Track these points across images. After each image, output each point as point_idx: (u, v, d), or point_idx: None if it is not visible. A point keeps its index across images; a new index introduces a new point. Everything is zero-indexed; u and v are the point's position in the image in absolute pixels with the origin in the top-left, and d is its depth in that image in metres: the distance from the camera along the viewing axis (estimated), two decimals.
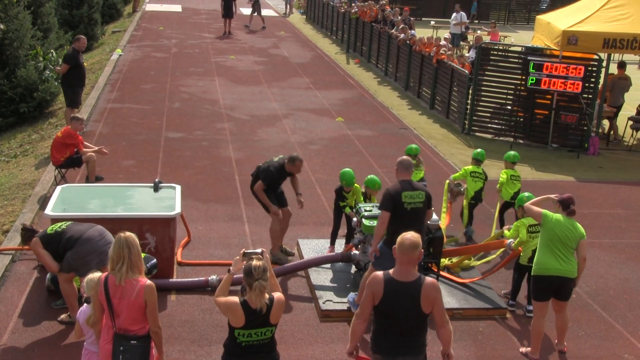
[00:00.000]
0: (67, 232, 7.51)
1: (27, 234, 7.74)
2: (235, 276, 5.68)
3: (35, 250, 7.59)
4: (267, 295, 5.38)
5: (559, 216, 7.42)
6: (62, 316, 7.82)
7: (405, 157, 7.88)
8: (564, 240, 7.32)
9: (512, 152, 10.72)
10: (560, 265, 7.32)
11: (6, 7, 15.72)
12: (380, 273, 5.57)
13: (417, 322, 5.53)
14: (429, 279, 5.55)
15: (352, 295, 8.30)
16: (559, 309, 7.65)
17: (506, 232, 8.76)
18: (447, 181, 10.74)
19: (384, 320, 5.54)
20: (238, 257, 5.63)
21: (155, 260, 8.17)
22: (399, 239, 5.51)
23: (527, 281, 8.46)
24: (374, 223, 8.18)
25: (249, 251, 5.66)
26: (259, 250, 5.67)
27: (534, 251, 7.98)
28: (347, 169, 9.51)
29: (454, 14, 27.01)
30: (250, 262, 5.39)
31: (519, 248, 8.39)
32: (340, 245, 9.59)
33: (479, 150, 10.97)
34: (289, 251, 9.65)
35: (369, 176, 9.52)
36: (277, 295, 5.48)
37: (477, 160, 10.71)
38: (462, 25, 26.63)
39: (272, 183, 9.22)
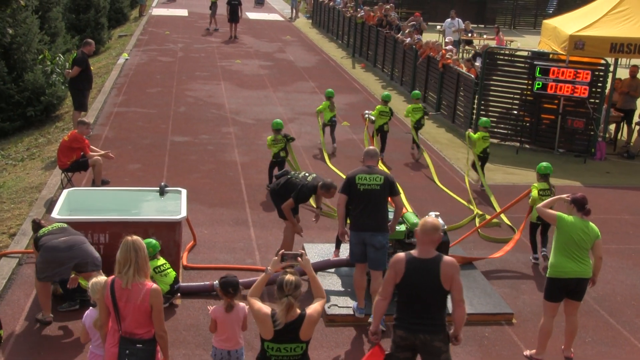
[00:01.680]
0: (46, 235, 7.74)
1: (35, 228, 8.06)
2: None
3: (35, 250, 7.89)
4: (298, 311, 5.25)
5: (573, 219, 7.42)
6: (38, 315, 7.91)
7: (371, 147, 8.37)
8: (579, 243, 7.35)
9: (543, 164, 10.10)
10: (577, 267, 7.35)
11: (14, 11, 15.79)
12: (402, 253, 5.93)
13: (437, 298, 5.78)
14: (447, 257, 5.85)
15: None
16: (571, 310, 7.62)
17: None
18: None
19: (406, 297, 5.84)
20: (276, 258, 5.54)
21: (179, 283, 8.41)
22: (420, 222, 5.91)
23: (540, 234, 10.04)
24: (402, 228, 8.58)
25: (287, 253, 5.57)
26: (298, 253, 5.58)
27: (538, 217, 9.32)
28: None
29: (449, 20, 26.97)
30: (283, 275, 5.26)
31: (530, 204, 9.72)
32: (346, 250, 9.58)
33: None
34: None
35: None
36: (310, 311, 5.30)
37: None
38: (460, 32, 26.59)
39: (301, 203, 9.24)
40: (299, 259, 5.53)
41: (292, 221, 9.18)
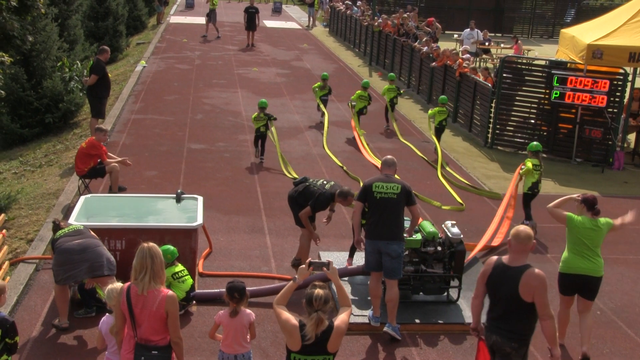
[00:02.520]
0: (62, 237, 7.80)
1: (54, 229, 8.13)
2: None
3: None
4: (326, 322, 5.21)
5: (582, 219, 7.63)
6: (54, 320, 7.95)
7: (389, 156, 8.33)
8: (588, 244, 7.59)
9: (534, 143, 11.71)
10: (586, 264, 7.59)
11: (34, 19, 15.96)
12: (494, 257, 6.11)
13: (515, 307, 5.87)
14: (536, 269, 5.88)
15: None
16: (583, 309, 7.77)
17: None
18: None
19: (490, 299, 6.08)
20: (304, 266, 5.50)
21: (195, 291, 8.45)
22: (514, 231, 5.97)
23: (526, 205, 11.28)
24: (417, 237, 8.55)
25: (315, 261, 5.53)
26: (325, 262, 5.53)
27: (534, 183, 11.12)
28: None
29: (468, 30, 26.91)
30: (313, 289, 5.23)
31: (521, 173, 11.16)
32: (360, 258, 9.56)
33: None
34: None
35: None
36: (338, 322, 5.27)
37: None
38: (478, 44, 26.51)
39: (319, 211, 9.24)
40: (325, 268, 5.49)
41: (309, 229, 9.18)
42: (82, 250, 7.64)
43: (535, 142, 11.73)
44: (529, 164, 11.19)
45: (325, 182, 9.29)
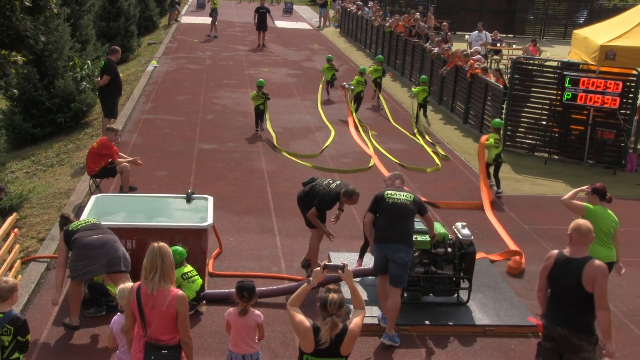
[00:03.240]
0: (79, 231, 7.82)
1: (62, 222, 8.17)
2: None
3: (59, 243, 7.99)
4: (340, 326, 5.22)
5: (598, 208, 7.97)
6: (65, 319, 7.98)
7: (397, 171, 8.58)
8: (606, 230, 7.92)
9: (497, 120, 13.87)
10: (607, 252, 7.91)
11: (47, 19, 16.05)
12: (555, 251, 6.25)
13: (579, 298, 5.97)
14: (596, 260, 6.00)
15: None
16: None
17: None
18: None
19: (552, 291, 6.19)
20: (318, 269, 5.50)
21: (205, 291, 8.49)
22: (574, 225, 6.11)
23: (494, 175, 13.12)
24: (427, 238, 8.48)
25: (330, 264, 5.53)
26: (340, 264, 5.53)
27: (497, 154, 12.95)
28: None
29: (476, 32, 26.84)
30: (327, 294, 5.24)
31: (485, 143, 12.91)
32: (370, 259, 9.56)
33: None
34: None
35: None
36: (352, 325, 5.28)
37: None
38: (486, 46, 26.42)
39: (325, 210, 9.25)
40: (340, 270, 5.49)
41: (319, 227, 9.19)
42: (101, 246, 7.66)
43: (497, 119, 13.92)
44: (492, 139, 12.93)
45: (331, 181, 9.30)
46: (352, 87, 18.56)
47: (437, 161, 14.90)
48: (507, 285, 9.37)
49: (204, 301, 8.48)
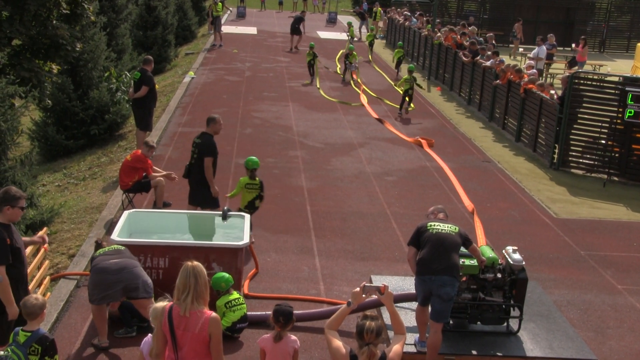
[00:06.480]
0: (100, 256, 7.99)
1: (96, 248, 8.32)
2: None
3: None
4: (378, 354, 5.20)
5: None
6: (94, 340, 8.09)
7: (439, 205, 8.56)
8: None
9: (411, 65, 20.01)
10: None
11: (83, 28, 16.38)
12: None
13: None
14: None
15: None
16: None
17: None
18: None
19: None
20: (358, 290, 5.50)
21: (246, 323, 8.36)
22: None
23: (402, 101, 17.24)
24: (475, 262, 8.35)
25: (369, 285, 5.53)
26: (379, 285, 5.53)
27: (406, 90, 19.98)
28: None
29: (537, 49, 26.59)
30: (364, 321, 5.21)
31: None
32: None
33: None
34: None
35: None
36: (391, 354, 5.26)
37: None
38: (541, 61, 26.11)
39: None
40: (379, 292, 5.48)
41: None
42: (119, 271, 7.80)
43: (412, 65, 21.16)
44: (403, 79, 20.19)
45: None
46: (357, 65, 25.17)
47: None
48: (561, 315, 9.21)
49: (238, 334, 8.39)
